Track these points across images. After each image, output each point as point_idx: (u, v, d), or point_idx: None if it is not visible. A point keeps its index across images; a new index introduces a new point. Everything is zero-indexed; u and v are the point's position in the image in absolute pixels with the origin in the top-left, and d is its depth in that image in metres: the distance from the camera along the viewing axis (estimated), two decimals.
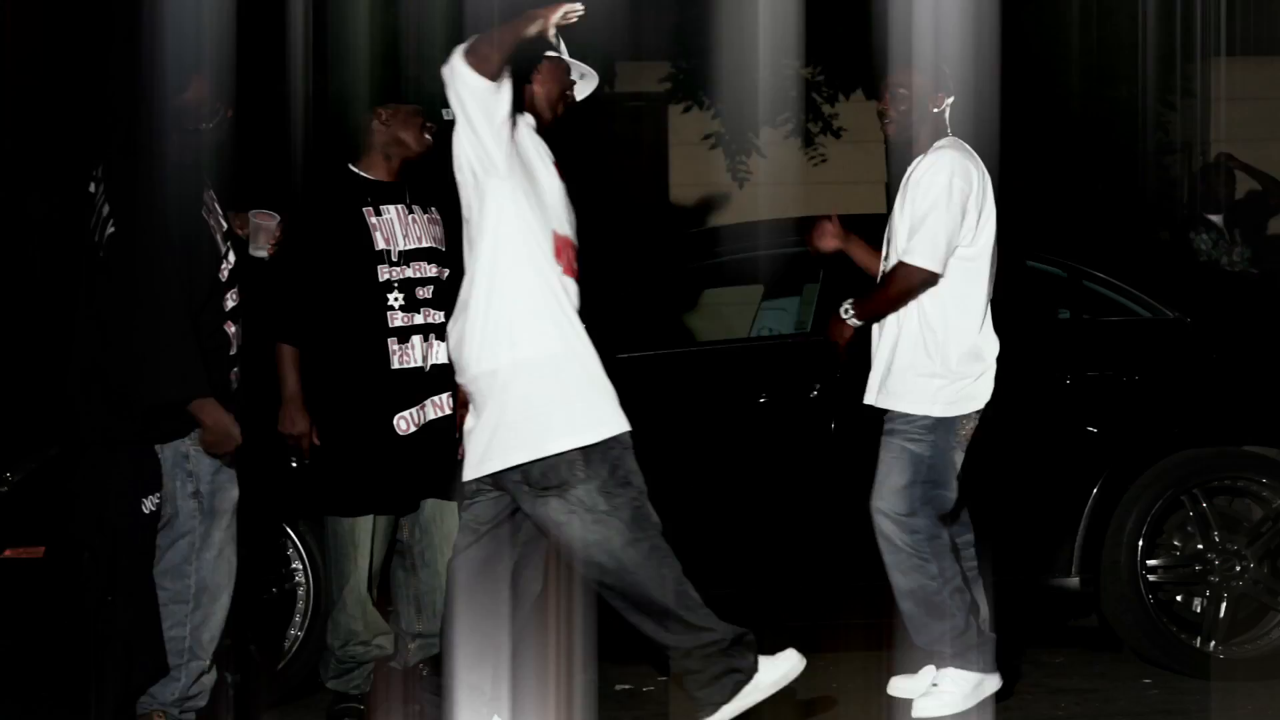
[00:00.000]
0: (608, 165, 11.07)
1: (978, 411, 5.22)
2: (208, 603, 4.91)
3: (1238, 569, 5.96)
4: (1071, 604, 6.05)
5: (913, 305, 5.20)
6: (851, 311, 5.30)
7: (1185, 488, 5.97)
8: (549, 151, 4.74)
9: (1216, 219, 9.63)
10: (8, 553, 5.74)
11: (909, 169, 5.32)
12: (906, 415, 5.21)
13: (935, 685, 5.25)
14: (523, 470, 4.56)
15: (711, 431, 6.06)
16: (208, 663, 4.96)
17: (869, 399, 5.33)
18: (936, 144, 5.25)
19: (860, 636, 6.22)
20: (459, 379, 4.78)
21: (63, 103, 10.04)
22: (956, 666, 5.22)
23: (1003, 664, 6.18)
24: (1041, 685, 5.90)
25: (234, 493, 4.95)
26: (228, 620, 4.99)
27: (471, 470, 4.67)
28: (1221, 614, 5.93)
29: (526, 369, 4.55)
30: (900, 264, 5.16)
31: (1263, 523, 6.01)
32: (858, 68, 12.07)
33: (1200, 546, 5.98)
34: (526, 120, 4.69)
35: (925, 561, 5.18)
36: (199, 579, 4.90)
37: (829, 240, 5.61)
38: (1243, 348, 6.21)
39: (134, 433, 4.82)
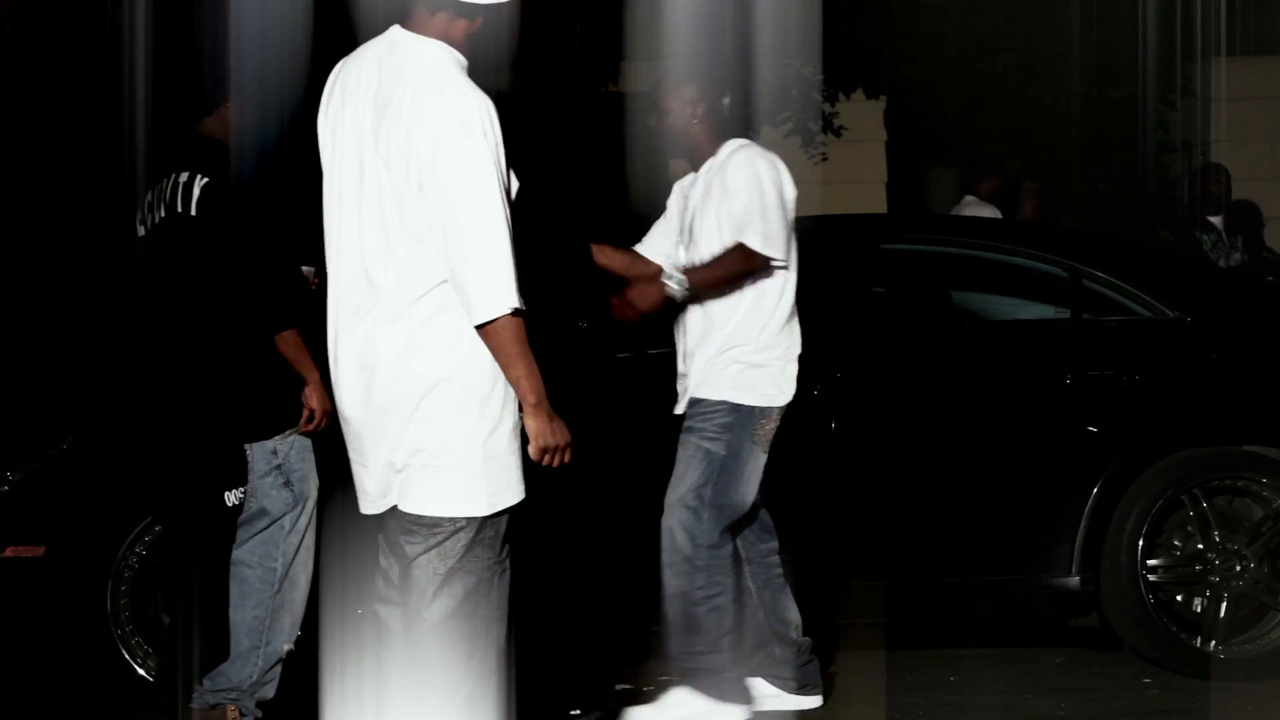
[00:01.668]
0: (607, 164, 11.08)
1: (779, 410, 5.20)
2: (288, 588, 5.00)
3: (1238, 569, 5.96)
4: (1071, 604, 6.05)
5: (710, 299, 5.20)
6: (685, 281, 5.11)
7: (1185, 488, 5.97)
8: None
9: (1216, 220, 9.65)
10: (8, 552, 5.75)
11: (697, 175, 5.31)
12: (704, 410, 5.18)
13: (669, 694, 5.24)
14: None
15: None
16: (284, 651, 5.01)
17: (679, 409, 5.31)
18: (727, 145, 5.26)
19: (860, 636, 6.23)
20: None
21: (62, 103, 10.05)
22: (689, 685, 5.21)
23: (1003, 664, 6.19)
24: (1041, 685, 5.90)
25: (315, 481, 5.03)
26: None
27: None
28: (1221, 614, 5.93)
29: None
30: (739, 244, 5.11)
31: (1263, 523, 6.01)
32: (858, 67, 12.10)
33: (1200, 546, 5.98)
34: None
35: (695, 570, 5.15)
36: (284, 563, 4.98)
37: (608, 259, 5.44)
38: (1243, 348, 6.21)
39: (229, 430, 4.93)
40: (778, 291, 5.21)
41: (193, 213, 4.89)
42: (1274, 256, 9.89)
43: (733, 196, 5.15)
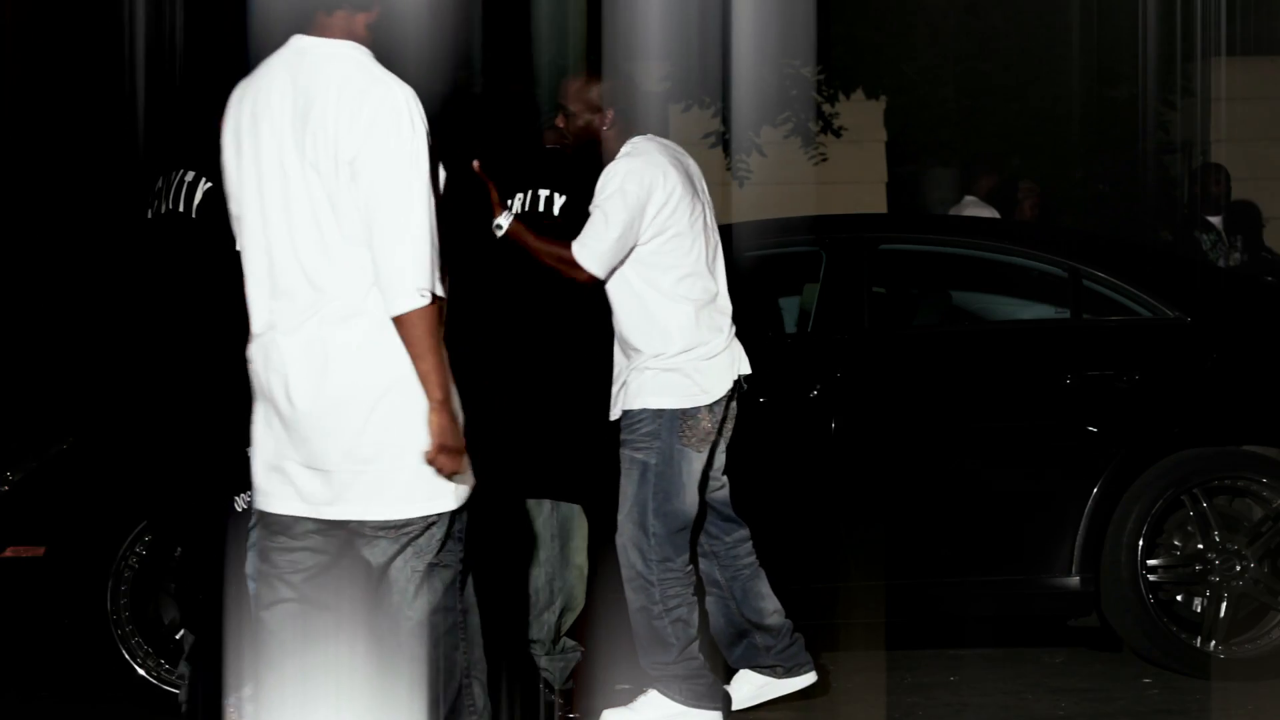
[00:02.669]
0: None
1: (708, 407, 5.20)
2: None
3: (1238, 569, 5.96)
4: (1071, 604, 6.05)
5: (620, 302, 5.21)
6: (510, 221, 5.15)
7: (1185, 487, 5.97)
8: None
9: (1216, 220, 9.66)
10: (8, 552, 5.75)
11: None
12: (630, 421, 5.19)
13: (643, 697, 5.28)
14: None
15: None
16: None
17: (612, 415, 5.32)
18: (626, 146, 5.25)
19: (860, 636, 6.23)
20: None
21: (63, 101, 10.05)
22: (659, 691, 5.23)
23: (1003, 664, 6.19)
24: (1041, 685, 5.90)
25: None
26: None
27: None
28: (1221, 614, 5.93)
29: None
30: (570, 247, 5.12)
31: (1263, 522, 6.01)
32: (857, 67, 12.09)
33: (1200, 546, 5.98)
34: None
35: (650, 585, 5.18)
36: None
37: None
38: (1243, 348, 6.21)
39: (228, 434, 4.87)
40: (666, 298, 5.19)
41: (192, 215, 4.87)
42: (1274, 256, 9.90)
43: (595, 197, 5.17)
